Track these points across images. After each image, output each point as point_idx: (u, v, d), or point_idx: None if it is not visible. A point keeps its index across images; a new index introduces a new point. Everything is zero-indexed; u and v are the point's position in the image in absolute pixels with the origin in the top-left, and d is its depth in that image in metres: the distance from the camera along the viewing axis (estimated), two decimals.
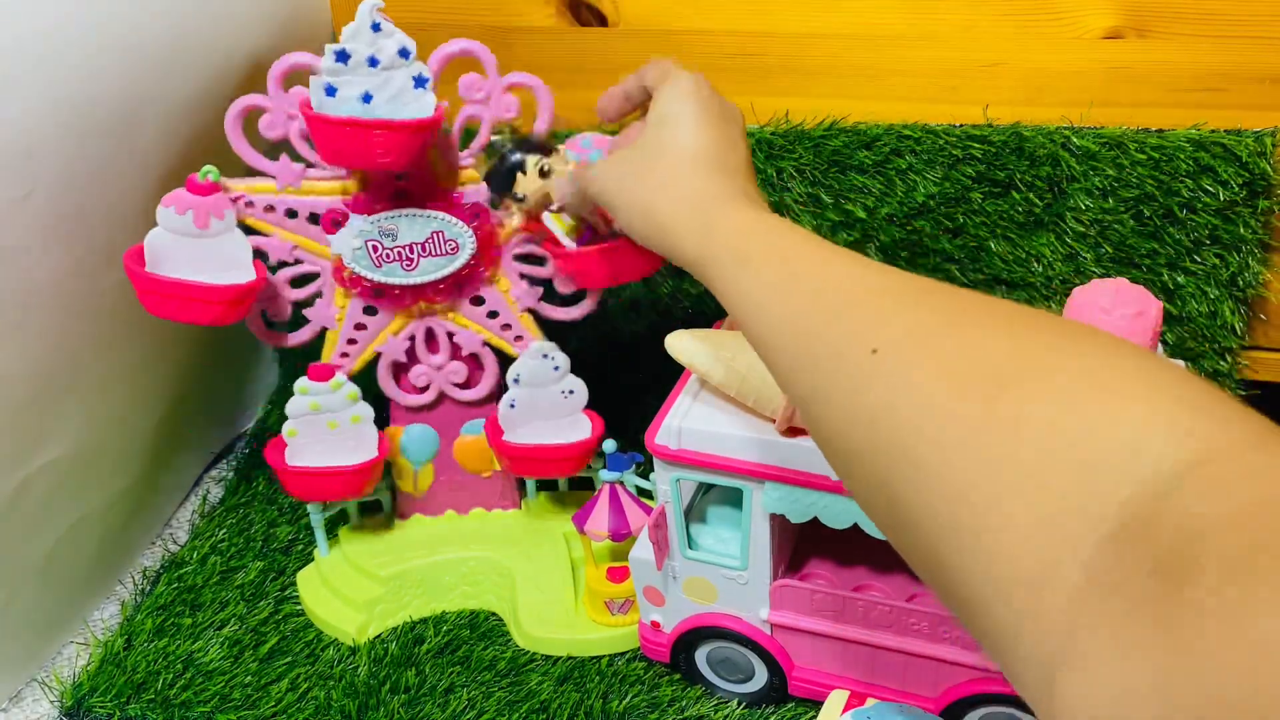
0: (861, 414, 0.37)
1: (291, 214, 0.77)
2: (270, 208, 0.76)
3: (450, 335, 0.82)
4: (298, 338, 0.81)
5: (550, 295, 0.81)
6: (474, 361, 0.83)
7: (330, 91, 0.68)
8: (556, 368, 0.80)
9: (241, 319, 0.76)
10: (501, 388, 0.82)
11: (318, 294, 0.80)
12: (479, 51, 0.72)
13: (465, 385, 0.84)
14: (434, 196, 0.75)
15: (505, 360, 0.82)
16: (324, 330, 0.81)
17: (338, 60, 0.67)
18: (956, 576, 0.32)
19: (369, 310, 0.80)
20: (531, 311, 0.81)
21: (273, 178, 0.76)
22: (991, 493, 0.31)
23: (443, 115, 0.71)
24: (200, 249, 0.74)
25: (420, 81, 0.69)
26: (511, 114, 0.74)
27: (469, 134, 0.75)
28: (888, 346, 0.37)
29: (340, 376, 0.79)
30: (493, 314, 0.81)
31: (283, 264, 0.78)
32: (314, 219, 0.77)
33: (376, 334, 0.81)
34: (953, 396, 0.34)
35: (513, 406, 0.81)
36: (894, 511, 0.35)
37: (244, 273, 0.75)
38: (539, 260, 0.80)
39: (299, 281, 0.79)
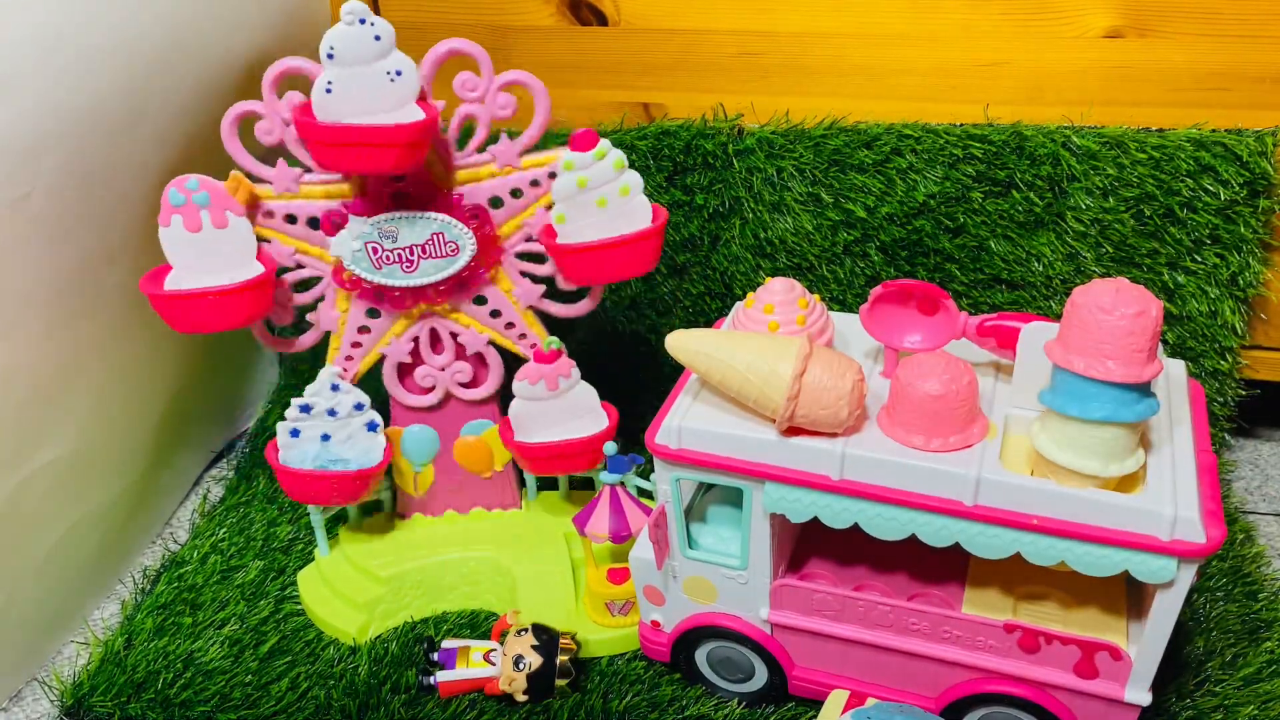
0: None
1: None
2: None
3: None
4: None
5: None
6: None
7: (294, 434, 0.80)
8: (378, 38, 0.70)
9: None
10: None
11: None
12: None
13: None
14: (433, 199, 0.75)
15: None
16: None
17: (301, 411, 0.79)
18: None
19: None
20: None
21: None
22: None
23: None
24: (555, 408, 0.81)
25: (372, 426, 0.81)
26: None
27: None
28: None
29: (603, 144, 0.74)
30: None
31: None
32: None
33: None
34: None
35: (329, 91, 0.69)
36: None
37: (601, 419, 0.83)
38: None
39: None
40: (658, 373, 1.05)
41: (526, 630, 0.75)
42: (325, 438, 0.80)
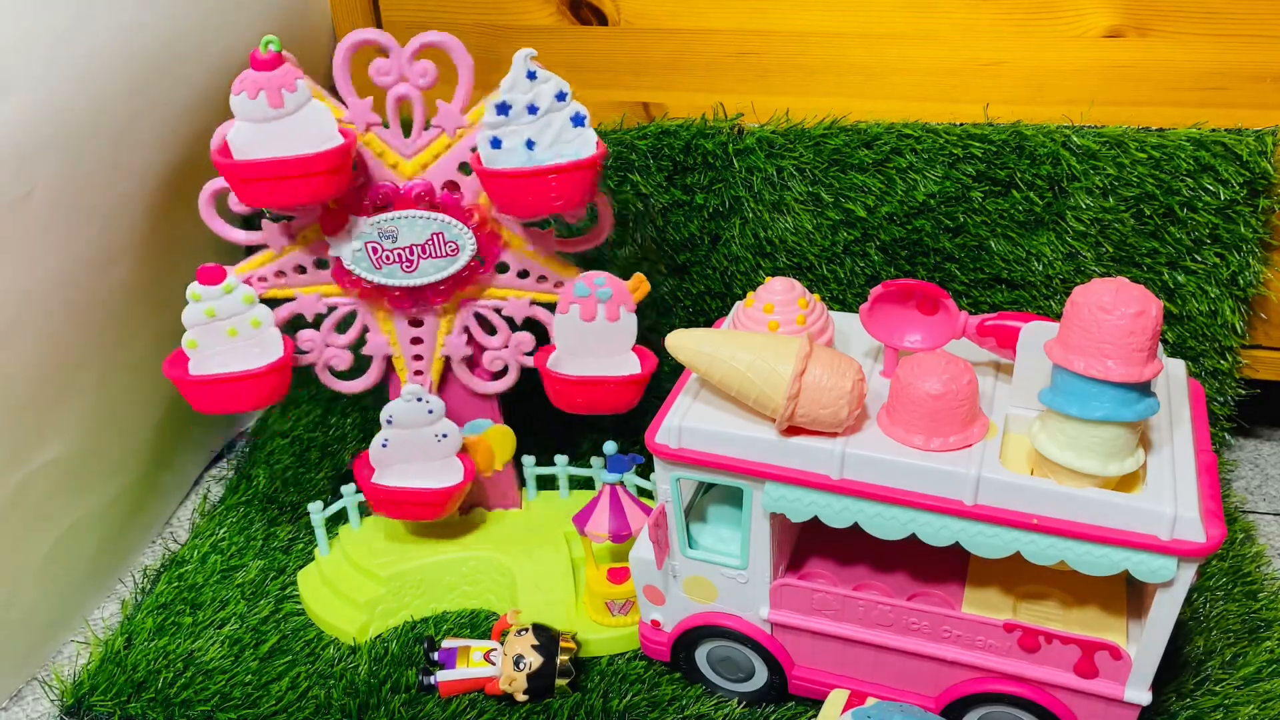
0: None
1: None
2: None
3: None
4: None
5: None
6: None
7: (495, 144, 0.71)
8: (430, 411, 0.79)
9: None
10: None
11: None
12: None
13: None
14: (421, 197, 0.75)
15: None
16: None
17: (499, 113, 0.70)
18: None
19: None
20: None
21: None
22: None
23: (605, 150, 0.72)
24: (280, 131, 0.70)
25: (578, 120, 0.71)
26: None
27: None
28: None
29: (232, 279, 0.75)
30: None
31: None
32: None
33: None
34: None
35: (385, 446, 0.81)
36: None
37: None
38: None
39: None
40: (658, 373, 1.05)
41: (527, 630, 0.75)
42: (530, 144, 0.71)
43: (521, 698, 0.74)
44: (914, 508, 0.60)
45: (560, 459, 0.90)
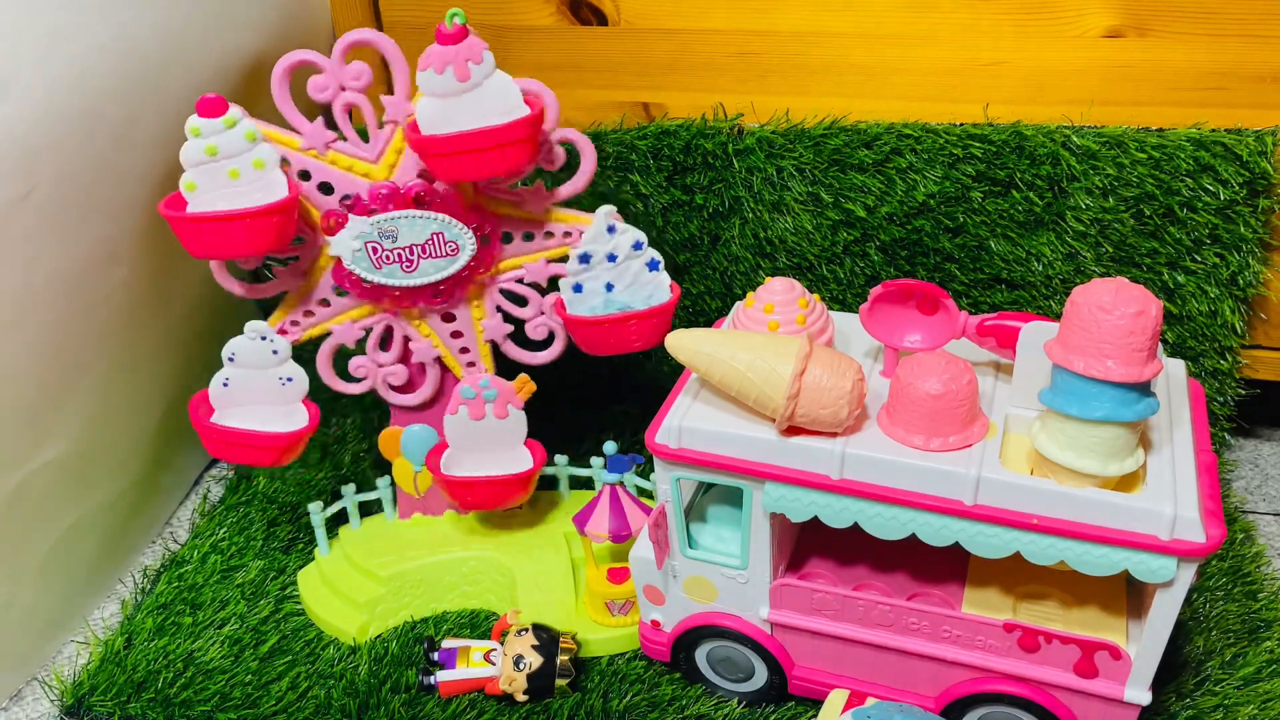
0: None
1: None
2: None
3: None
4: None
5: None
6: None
7: (578, 289, 0.77)
8: (275, 352, 0.77)
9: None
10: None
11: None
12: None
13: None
14: (420, 197, 0.75)
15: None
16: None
17: (581, 262, 0.76)
18: None
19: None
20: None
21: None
22: None
23: (678, 293, 0.78)
24: (467, 105, 0.70)
25: (654, 265, 0.77)
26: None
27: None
28: None
29: (235, 112, 0.70)
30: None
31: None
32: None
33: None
34: None
35: (226, 385, 0.78)
36: None
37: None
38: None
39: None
40: (658, 373, 1.05)
41: (527, 630, 0.75)
42: (609, 287, 0.77)
43: (521, 698, 0.74)
44: (914, 508, 0.60)
45: (560, 459, 0.90)
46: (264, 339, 0.77)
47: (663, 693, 0.76)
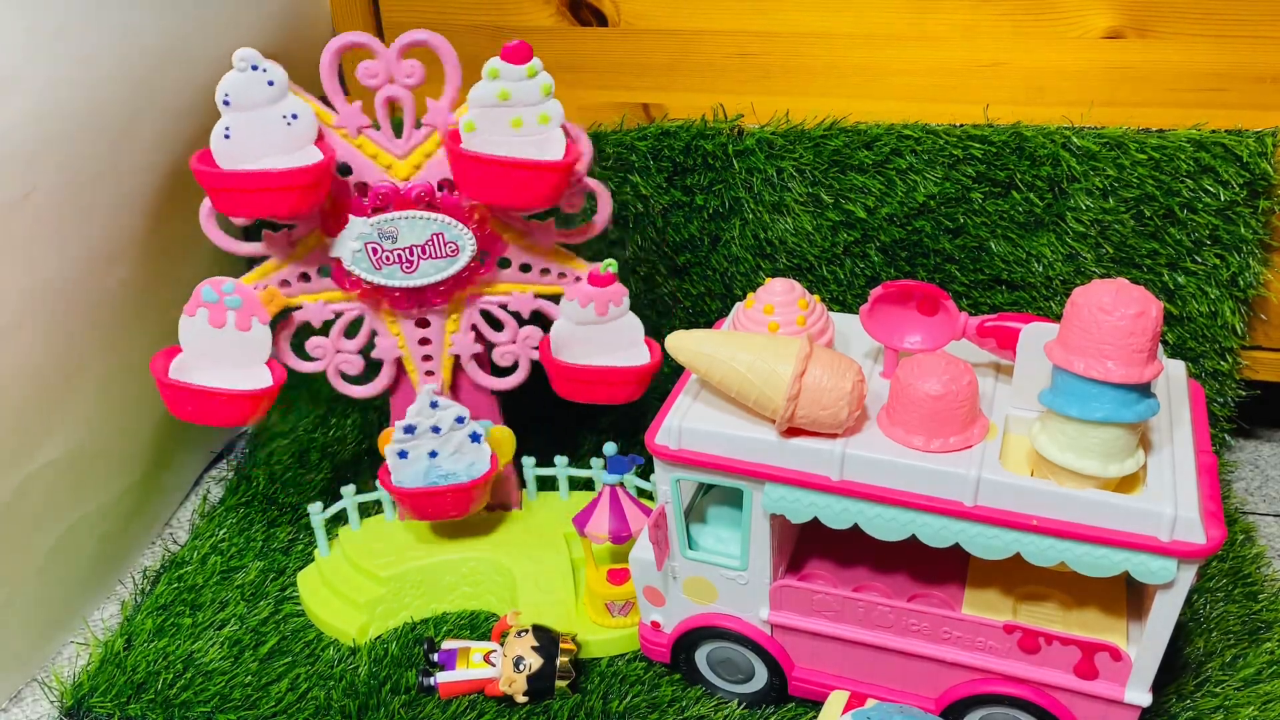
0: None
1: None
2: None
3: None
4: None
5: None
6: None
7: (402, 455, 0.81)
8: (271, 83, 0.70)
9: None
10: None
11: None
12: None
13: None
14: (420, 198, 0.75)
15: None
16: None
17: (405, 432, 0.80)
18: None
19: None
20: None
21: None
22: None
23: (497, 466, 0.81)
24: (600, 334, 0.80)
25: (475, 438, 0.81)
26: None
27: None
28: None
29: (535, 62, 0.69)
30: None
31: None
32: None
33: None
34: None
35: (227, 137, 0.71)
36: None
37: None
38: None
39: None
40: (658, 373, 1.05)
41: (527, 631, 0.75)
42: (433, 454, 0.81)
43: (521, 699, 0.74)
44: (914, 509, 0.60)
45: (560, 460, 0.90)
46: (255, 69, 0.69)
47: (663, 694, 0.76)
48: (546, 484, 0.93)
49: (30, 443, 0.78)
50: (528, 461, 0.90)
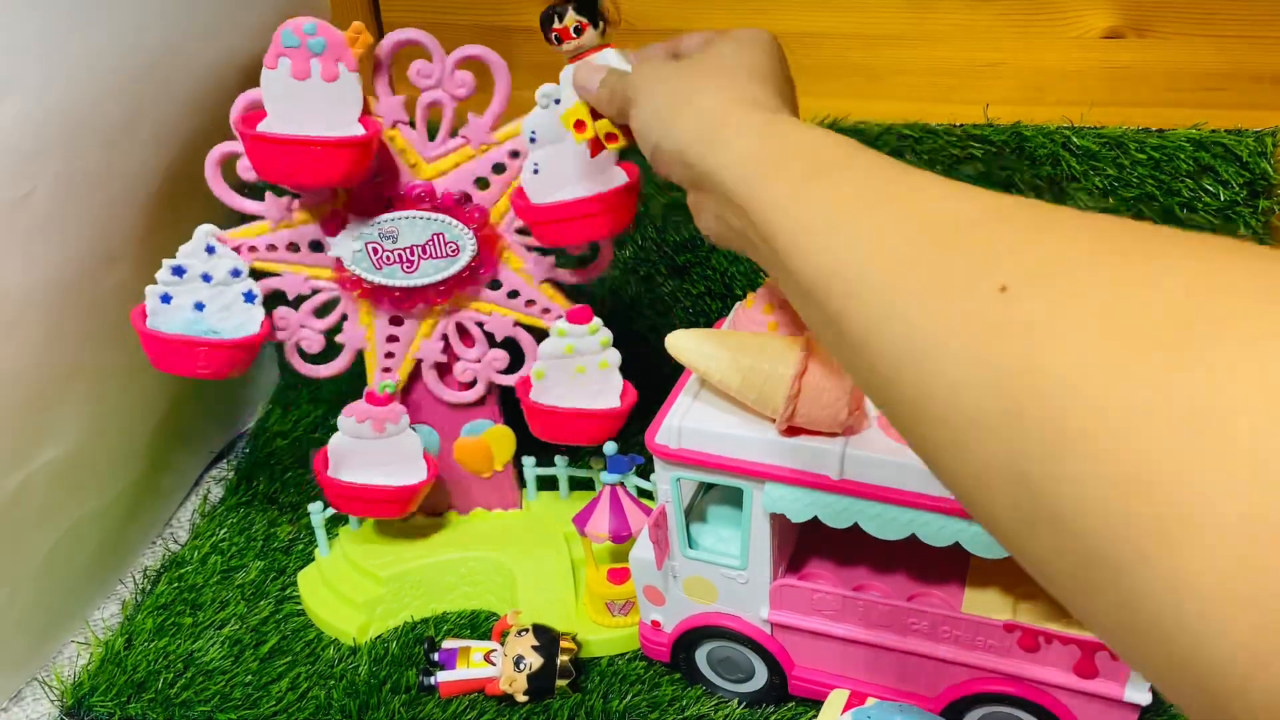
0: (988, 373, 0.28)
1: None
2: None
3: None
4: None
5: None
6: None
7: (165, 299, 0.75)
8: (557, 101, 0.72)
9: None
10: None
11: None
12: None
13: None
14: (421, 197, 0.75)
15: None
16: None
17: (173, 273, 0.75)
18: (1128, 589, 0.24)
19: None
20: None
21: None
22: (1189, 478, 0.23)
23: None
24: (377, 449, 0.82)
25: (249, 297, 0.76)
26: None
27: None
28: (1021, 282, 0.28)
29: (597, 322, 0.78)
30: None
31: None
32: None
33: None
34: (1122, 347, 0.25)
35: (536, 172, 0.73)
36: (1032, 503, 0.27)
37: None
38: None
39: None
40: (658, 373, 1.05)
41: (527, 631, 0.75)
42: (199, 306, 0.75)
43: (522, 698, 0.74)
44: (914, 508, 0.60)
45: (560, 459, 0.90)
46: (558, 101, 0.71)
47: (663, 693, 0.76)
48: (546, 484, 0.93)
49: (30, 443, 0.78)
50: (528, 461, 0.90)
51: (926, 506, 0.60)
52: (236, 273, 0.75)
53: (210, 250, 0.74)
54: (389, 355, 0.81)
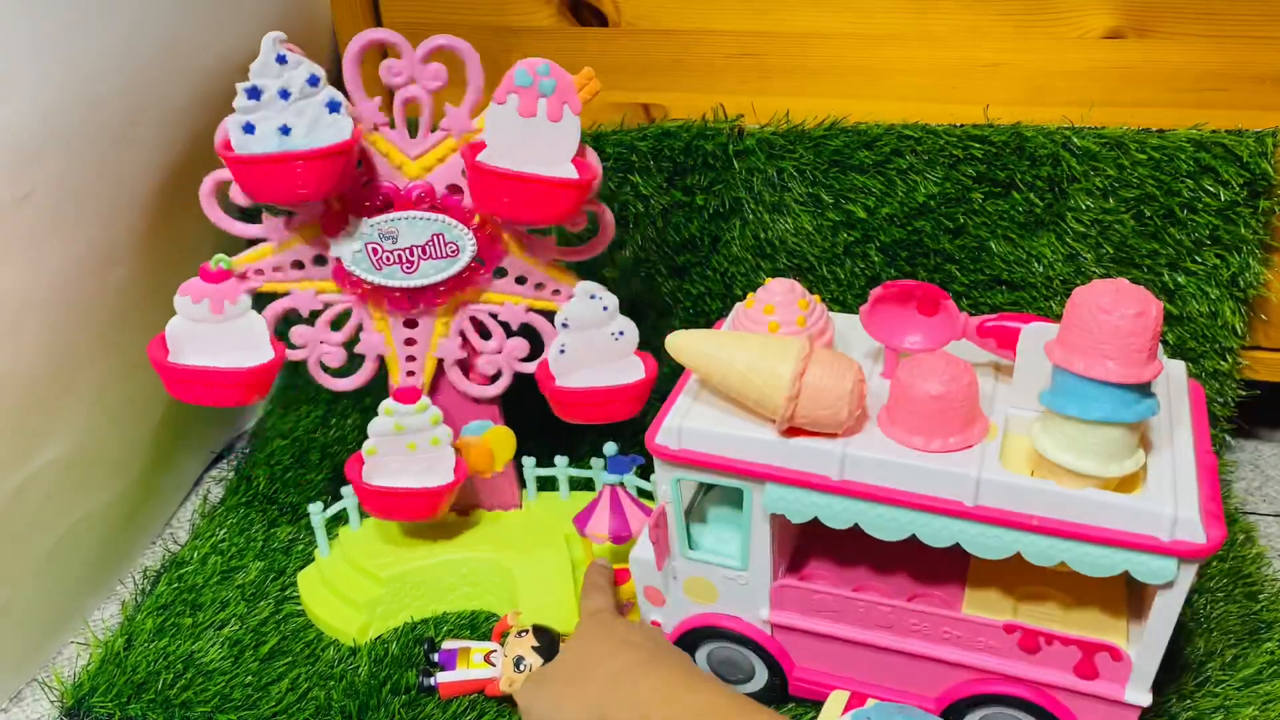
0: None
1: (299, 265, 0.77)
2: (278, 268, 0.77)
3: (494, 315, 0.81)
4: (359, 378, 0.82)
5: (565, 238, 0.80)
6: (529, 331, 0.82)
7: (249, 129, 0.69)
8: (605, 308, 0.78)
9: (265, 394, 0.80)
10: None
11: (359, 327, 0.80)
12: (389, 38, 0.72)
13: (531, 357, 0.83)
14: (421, 198, 0.75)
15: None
16: (381, 359, 0.81)
17: (249, 98, 0.68)
18: None
19: (410, 324, 0.80)
20: (555, 261, 0.80)
21: (266, 240, 0.76)
22: None
23: (359, 136, 0.71)
24: (219, 333, 0.77)
25: (334, 106, 0.70)
26: (440, 83, 0.73)
27: (413, 124, 0.74)
28: None
29: (425, 399, 0.81)
30: (521, 279, 0.80)
31: (315, 313, 0.79)
32: (320, 260, 0.77)
33: (428, 342, 0.81)
34: None
35: (563, 352, 0.79)
36: None
37: (263, 353, 0.78)
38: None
39: (337, 323, 0.80)
40: (658, 373, 1.05)
41: (527, 631, 0.75)
42: (285, 130, 0.69)
43: None
44: (914, 509, 0.60)
45: (560, 460, 0.90)
46: (593, 298, 0.78)
47: None
48: (547, 484, 0.93)
49: (30, 443, 0.78)
50: (528, 462, 0.90)
51: (927, 507, 0.60)
52: (314, 80, 0.68)
53: (281, 60, 0.68)
54: (410, 359, 0.81)
